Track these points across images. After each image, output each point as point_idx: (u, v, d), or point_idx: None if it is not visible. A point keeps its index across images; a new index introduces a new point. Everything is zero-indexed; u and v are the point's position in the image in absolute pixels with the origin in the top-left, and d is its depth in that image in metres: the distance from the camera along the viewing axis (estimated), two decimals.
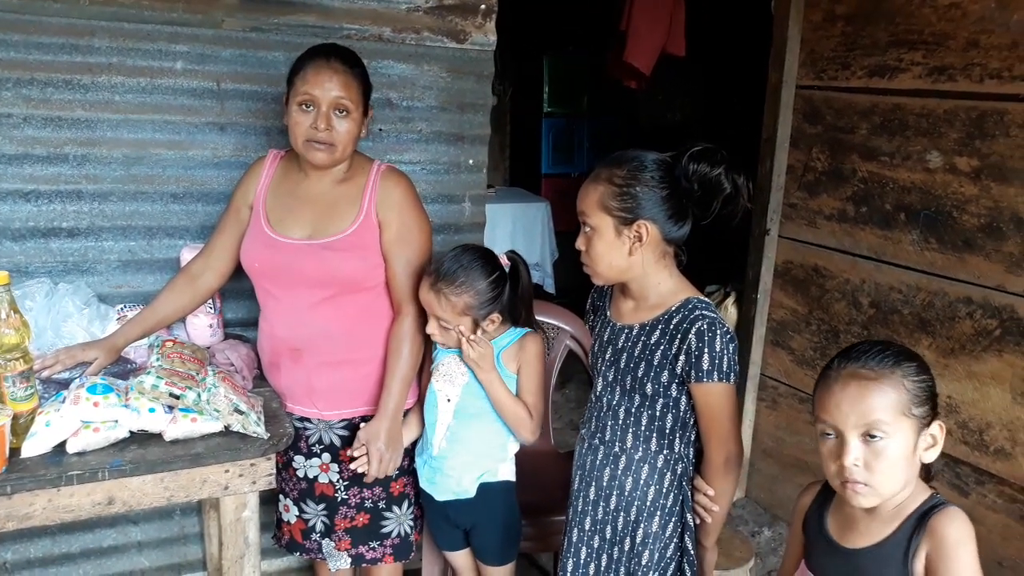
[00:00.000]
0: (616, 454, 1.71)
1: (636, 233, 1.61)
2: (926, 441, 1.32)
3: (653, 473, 1.69)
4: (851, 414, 1.29)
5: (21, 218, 2.06)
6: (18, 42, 1.96)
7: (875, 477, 1.29)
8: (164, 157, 2.16)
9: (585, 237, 1.65)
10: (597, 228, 1.62)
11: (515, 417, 1.90)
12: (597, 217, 1.61)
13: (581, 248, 1.67)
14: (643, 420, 1.68)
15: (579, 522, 1.79)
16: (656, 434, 1.68)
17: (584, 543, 1.78)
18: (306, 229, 1.89)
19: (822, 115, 2.87)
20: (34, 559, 2.30)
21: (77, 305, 2.03)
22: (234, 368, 2.01)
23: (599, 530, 1.76)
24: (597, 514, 1.75)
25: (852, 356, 1.33)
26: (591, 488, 1.76)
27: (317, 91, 1.78)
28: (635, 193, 1.59)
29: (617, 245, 1.62)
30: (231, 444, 1.71)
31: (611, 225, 1.61)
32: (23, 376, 1.60)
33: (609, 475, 1.72)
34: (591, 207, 1.62)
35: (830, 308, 2.92)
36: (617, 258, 1.63)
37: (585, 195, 1.64)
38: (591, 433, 1.77)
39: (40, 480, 1.55)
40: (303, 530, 2.06)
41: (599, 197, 1.61)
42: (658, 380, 1.63)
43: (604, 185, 1.60)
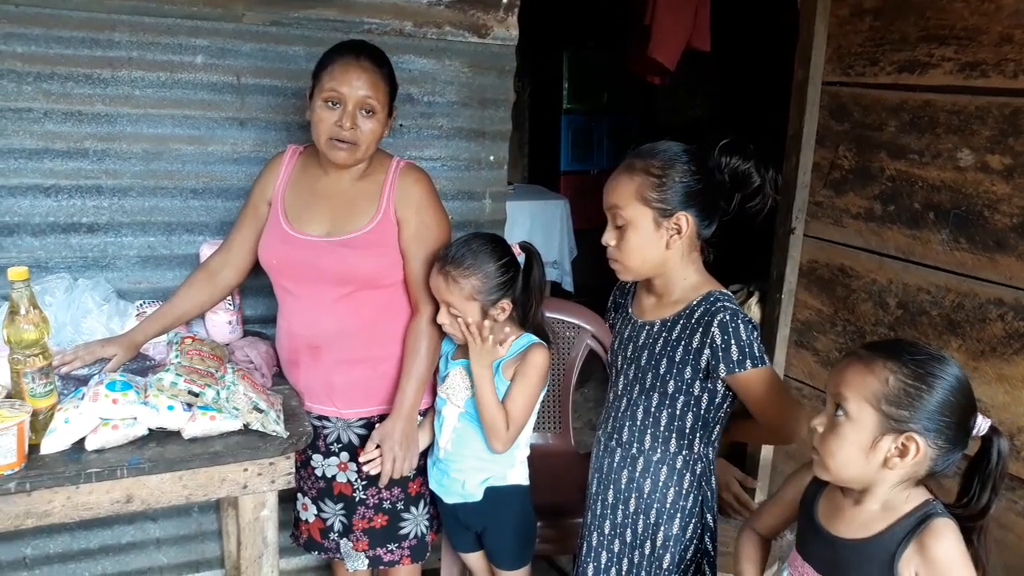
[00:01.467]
0: (634, 456, 1.68)
1: (675, 225, 1.57)
2: (893, 444, 1.26)
3: (672, 474, 1.65)
4: (832, 383, 1.32)
5: (41, 213, 2.06)
6: (39, 36, 1.96)
7: (826, 450, 1.31)
8: (184, 152, 2.15)
9: (617, 232, 1.60)
10: (633, 221, 1.57)
11: (492, 422, 1.84)
12: (633, 209, 1.56)
13: (611, 243, 1.61)
14: (662, 420, 1.64)
15: (598, 526, 1.76)
16: (676, 434, 1.64)
17: (604, 547, 1.75)
18: (324, 226, 1.87)
19: (849, 112, 2.81)
20: (53, 554, 2.31)
21: (96, 301, 2.02)
22: (253, 365, 2.00)
23: (619, 534, 1.72)
24: (616, 518, 1.72)
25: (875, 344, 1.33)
26: (609, 491, 1.73)
27: (344, 89, 1.76)
28: (674, 184, 1.55)
29: (655, 239, 1.58)
30: (250, 443, 1.69)
31: (650, 217, 1.56)
32: (42, 372, 1.59)
33: (627, 477, 1.69)
34: (627, 199, 1.57)
35: (856, 309, 2.87)
36: (653, 252, 1.59)
37: (618, 187, 1.59)
38: (608, 434, 1.74)
39: (59, 477, 1.53)
40: (321, 529, 2.05)
41: (636, 188, 1.56)
42: (680, 376, 1.59)
43: (641, 176, 1.56)
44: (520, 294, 1.88)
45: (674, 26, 3.36)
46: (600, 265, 1.68)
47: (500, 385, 1.88)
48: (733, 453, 3.40)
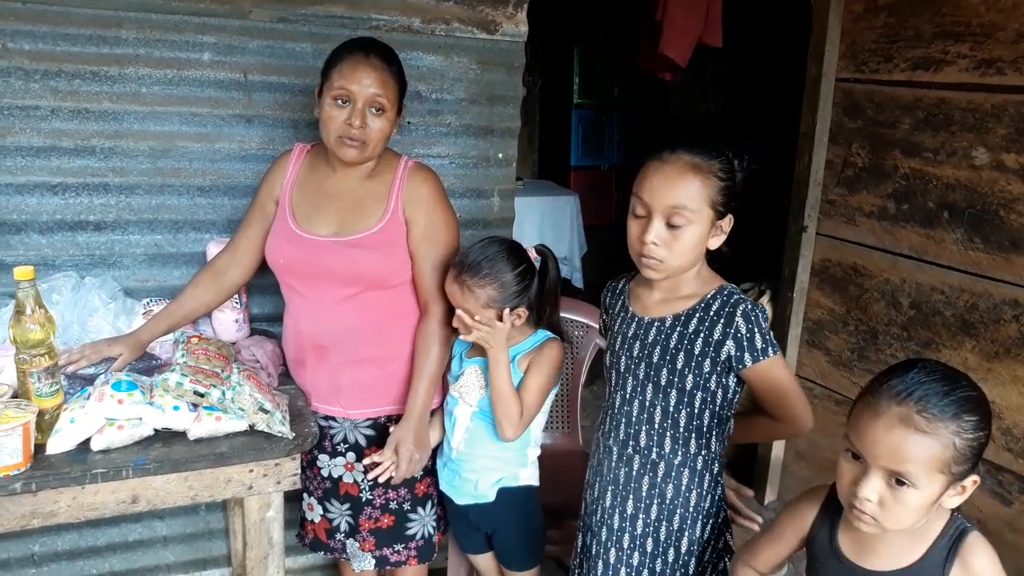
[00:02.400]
0: (654, 461, 1.64)
1: (722, 227, 1.57)
2: (955, 491, 1.24)
3: (694, 476, 1.62)
4: (884, 455, 1.21)
5: (48, 211, 2.06)
6: (46, 33, 1.95)
7: (888, 517, 1.23)
8: (191, 150, 2.14)
9: (671, 230, 1.53)
10: (695, 222, 1.53)
11: (506, 409, 1.82)
12: (701, 212, 1.52)
13: (658, 241, 1.53)
14: (681, 420, 1.60)
15: (616, 541, 1.70)
16: (695, 434, 1.61)
17: (624, 563, 1.69)
18: (332, 226, 1.86)
19: (863, 109, 2.78)
20: (61, 552, 2.31)
21: (103, 299, 2.02)
22: (260, 365, 1.99)
23: (639, 545, 1.68)
24: (636, 529, 1.67)
25: (910, 392, 1.20)
26: (628, 501, 1.67)
27: (354, 87, 1.74)
28: (731, 188, 1.55)
29: (704, 240, 1.56)
30: (256, 443, 1.68)
31: (710, 220, 1.54)
32: (48, 372, 1.58)
33: (648, 484, 1.65)
34: (696, 201, 1.52)
35: (869, 308, 2.84)
36: (699, 252, 1.57)
37: (687, 188, 1.52)
38: (622, 442, 1.68)
39: (64, 478, 1.53)
40: (327, 529, 2.04)
41: (708, 192, 1.52)
42: (699, 370, 1.56)
43: (711, 179, 1.53)
44: (535, 298, 1.86)
45: (686, 22, 3.33)
46: (610, 261, 1.65)
47: (516, 377, 1.87)
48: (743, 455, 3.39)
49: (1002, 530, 2.49)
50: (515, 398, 1.83)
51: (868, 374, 2.84)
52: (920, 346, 2.66)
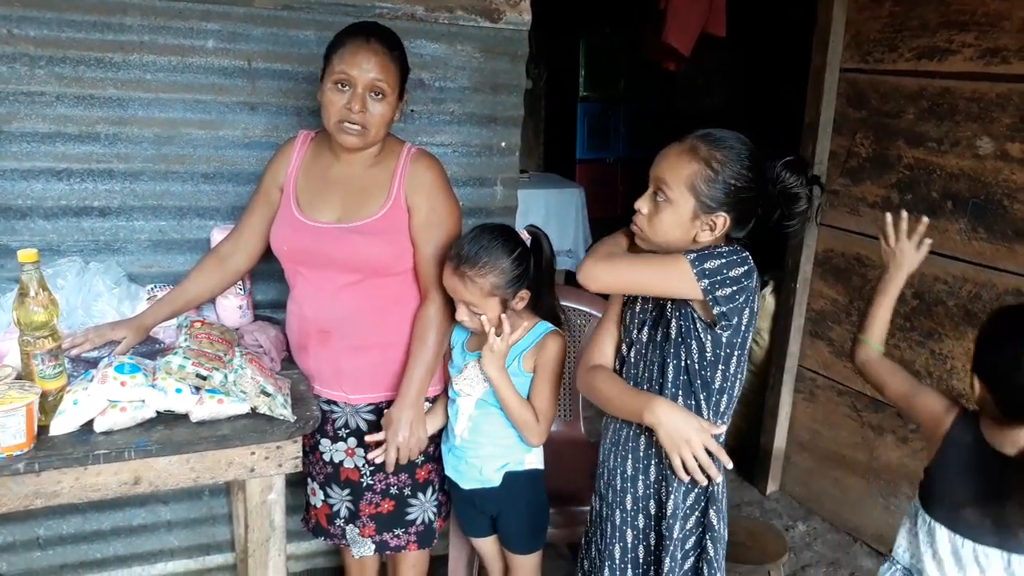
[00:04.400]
0: None
1: (711, 223, 1.55)
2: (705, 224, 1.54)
3: None
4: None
5: (53, 196, 2.07)
6: (51, 19, 1.96)
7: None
8: (195, 137, 2.15)
9: (654, 203, 1.56)
10: (675, 203, 1.53)
11: (522, 420, 1.85)
12: (680, 193, 1.53)
13: (643, 211, 1.57)
14: (669, 373, 1.61)
15: (620, 502, 1.71)
16: (682, 391, 1.61)
17: (629, 525, 1.72)
18: (335, 212, 1.87)
19: (867, 99, 2.77)
20: (66, 535, 2.33)
21: (107, 284, 2.04)
22: (262, 350, 2.00)
23: (642, 508, 1.69)
24: (638, 490, 1.69)
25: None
26: (628, 462, 1.69)
27: (354, 71, 1.74)
28: (727, 184, 1.52)
29: (687, 227, 1.55)
30: (257, 426, 1.69)
31: (691, 207, 1.53)
32: (52, 354, 1.60)
33: (645, 444, 1.67)
34: (677, 181, 1.52)
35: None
36: (678, 237, 1.56)
37: (673, 166, 1.53)
38: None
39: (67, 458, 1.54)
40: (328, 515, 2.05)
41: (691, 175, 1.52)
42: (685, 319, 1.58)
43: (700, 165, 1.52)
44: (532, 279, 1.87)
45: (689, 11, 3.32)
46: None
47: (522, 378, 1.88)
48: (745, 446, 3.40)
49: None
50: (527, 408, 1.85)
51: None
52: (923, 336, 2.66)
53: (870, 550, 2.95)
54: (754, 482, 3.38)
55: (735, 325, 1.57)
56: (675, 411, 1.56)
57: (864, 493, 2.96)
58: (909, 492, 2.78)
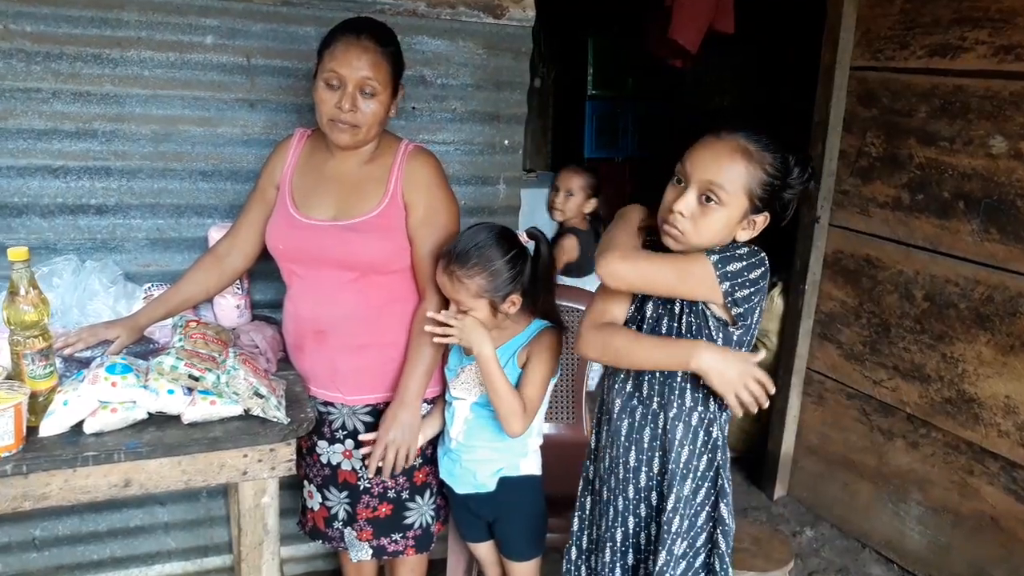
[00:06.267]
0: (655, 412, 1.62)
1: (753, 222, 1.53)
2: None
3: (688, 432, 1.60)
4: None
5: (50, 194, 2.05)
6: (47, 15, 1.94)
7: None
8: (193, 134, 2.13)
9: (701, 206, 1.50)
10: (727, 205, 1.49)
11: (508, 407, 1.79)
12: (736, 197, 1.48)
13: (685, 213, 1.50)
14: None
15: (623, 490, 1.68)
16: (691, 385, 1.59)
17: (631, 512, 1.69)
18: (331, 210, 1.84)
19: (877, 97, 2.72)
20: (62, 536, 2.31)
21: (103, 283, 2.01)
22: (259, 350, 1.97)
23: (645, 497, 1.66)
24: (640, 481, 1.66)
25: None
26: (631, 453, 1.66)
27: (344, 70, 1.71)
28: (777, 187, 1.50)
29: (732, 228, 1.52)
30: (250, 428, 1.66)
31: (744, 210, 1.50)
32: (42, 354, 1.57)
33: (650, 435, 1.64)
34: (735, 185, 1.48)
35: (881, 301, 2.79)
36: (723, 237, 1.53)
37: (727, 168, 1.48)
38: (628, 394, 1.66)
39: (56, 460, 1.52)
40: (326, 518, 2.02)
41: (749, 180, 1.48)
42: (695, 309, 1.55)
43: (757, 169, 1.48)
44: (528, 283, 1.83)
45: (695, 8, 3.27)
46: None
47: (512, 373, 1.84)
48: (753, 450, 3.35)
49: (1015, 527, 2.44)
50: (514, 394, 1.81)
51: (881, 368, 2.80)
52: (933, 339, 2.61)
53: (879, 556, 2.90)
54: (761, 487, 3.34)
55: (748, 324, 1.55)
56: (719, 354, 1.51)
57: (873, 498, 2.91)
58: (919, 497, 2.74)
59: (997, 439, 2.46)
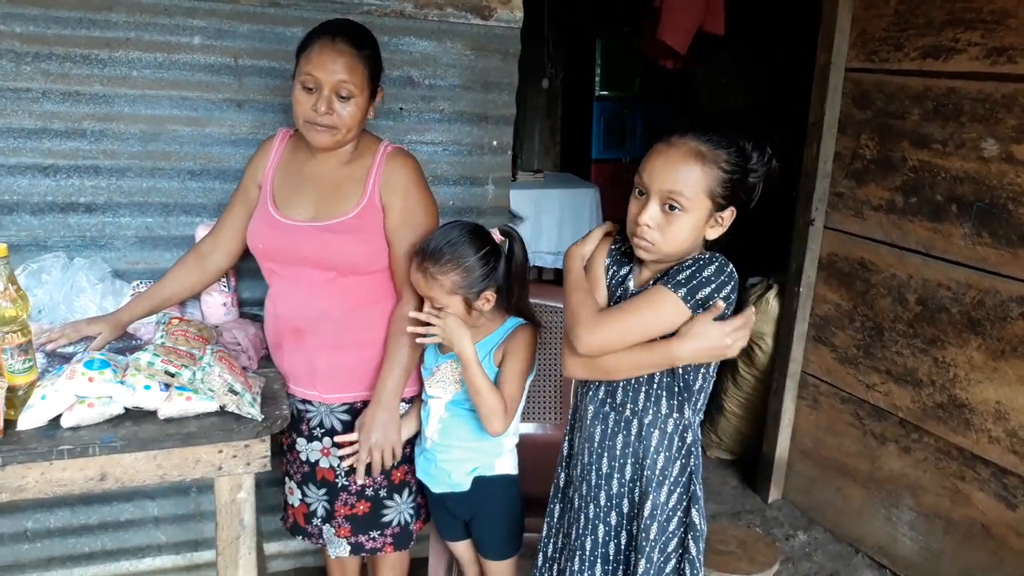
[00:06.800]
0: (628, 418, 1.62)
1: (721, 219, 1.54)
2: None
3: (663, 439, 1.61)
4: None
5: (40, 192, 2.09)
6: (36, 16, 1.98)
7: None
8: (181, 134, 2.16)
9: (665, 215, 1.50)
10: (690, 210, 1.49)
11: (488, 405, 1.80)
12: (697, 200, 1.49)
13: (651, 224, 1.50)
14: (655, 375, 1.59)
15: (594, 497, 1.68)
16: (666, 392, 1.59)
17: (602, 520, 1.69)
18: (310, 210, 1.86)
19: (872, 99, 2.71)
20: (54, 528, 2.35)
21: (91, 280, 2.05)
22: (240, 348, 1.99)
23: (615, 505, 1.66)
24: (612, 488, 1.66)
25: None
26: (603, 459, 1.66)
27: (319, 73, 1.73)
28: (737, 182, 1.51)
29: (700, 230, 1.53)
30: (225, 424, 1.68)
31: (708, 210, 1.51)
32: (21, 349, 1.60)
33: (622, 443, 1.63)
34: (694, 190, 1.48)
35: (875, 304, 2.77)
36: (694, 241, 1.54)
37: (683, 174, 1.48)
38: (600, 400, 1.66)
39: (32, 453, 1.55)
40: (305, 514, 2.04)
41: (708, 183, 1.49)
42: None
43: (713, 169, 1.48)
44: (503, 280, 1.84)
45: (684, 10, 3.26)
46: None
47: (489, 371, 1.85)
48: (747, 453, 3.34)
49: (1006, 534, 2.41)
50: (494, 392, 1.82)
51: (874, 372, 2.79)
52: (926, 343, 2.59)
53: (871, 562, 2.88)
54: (756, 490, 3.32)
55: None
56: (691, 340, 1.51)
57: (866, 503, 2.89)
58: (911, 503, 2.72)
59: (988, 445, 2.43)
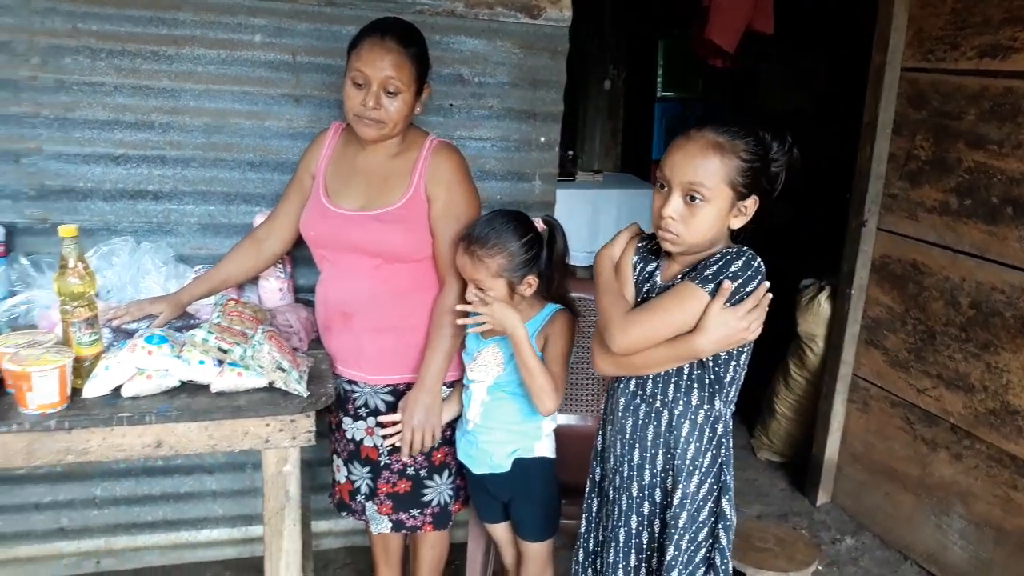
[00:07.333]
0: (658, 410, 1.66)
1: (744, 208, 1.58)
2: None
3: (694, 430, 1.64)
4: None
5: (112, 180, 2.23)
6: (112, 15, 2.11)
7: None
8: (242, 126, 2.28)
9: (688, 206, 1.55)
10: (712, 200, 1.54)
11: (540, 384, 1.86)
12: (718, 190, 1.53)
13: (675, 216, 1.55)
14: (685, 367, 1.63)
15: (627, 488, 1.73)
16: (697, 384, 1.63)
17: (635, 510, 1.73)
18: (359, 200, 1.94)
19: (927, 99, 2.67)
20: (120, 497, 2.50)
21: (156, 263, 2.17)
22: (292, 329, 2.09)
23: (648, 495, 1.70)
24: (643, 479, 1.70)
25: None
26: (635, 450, 1.70)
27: (368, 70, 1.82)
28: (757, 170, 1.55)
29: (724, 219, 1.57)
30: (273, 400, 1.78)
31: (730, 200, 1.55)
32: (88, 323, 1.73)
33: (653, 434, 1.67)
34: (714, 180, 1.53)
35: (927, 307, 2.73)
36: (718, 230, 1.58)
37: (703, 166, 1.53)
38: (631, 393, 1.71)
39: (95, 419, 1.66)
40: (350, 491, 2.13)
41: (728, 172, 1.53)
42: None
43: (732, 159, 1.53)
44: (544, 267, 1.90)
45: (733, 8, 3.25)
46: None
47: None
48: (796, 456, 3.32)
49: None
50: (545, 372, 1.88)
51: (925, 376, 2.74)
52: (978, 348, 2.54)
53: (920, 569, 2.83)
54: (805, 493, 3.30)
55: None
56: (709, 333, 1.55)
57: (915, 509, 2.84)
58: (961, 511, 2.66)
59: None
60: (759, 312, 1.56)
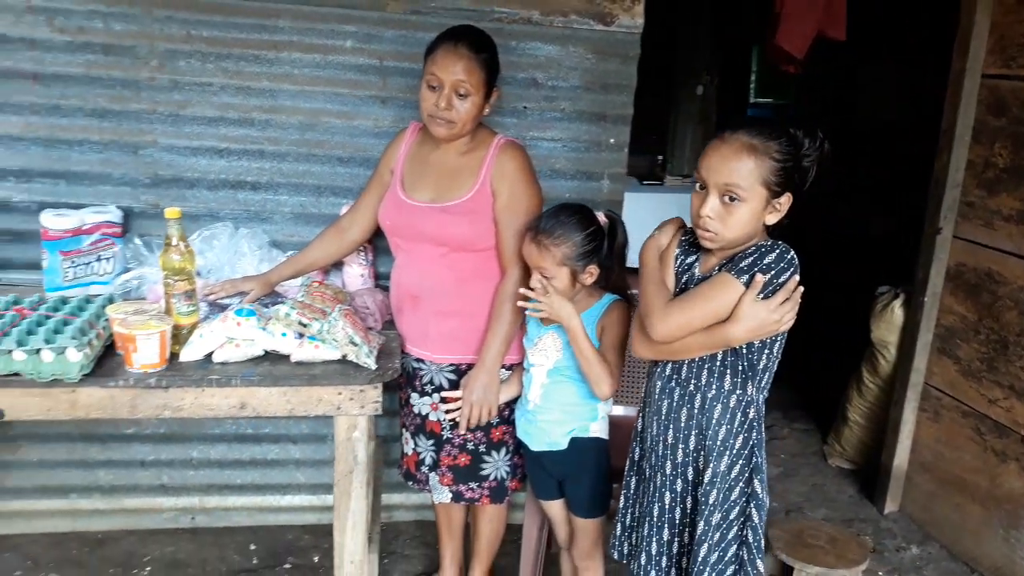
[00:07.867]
0: (692, 393, 1.76)
1: (779, 205, 1.67)
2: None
3: (726, 412, 1.73)
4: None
5: (216, 171, 2.47)
6: (220, 22, 2.35)
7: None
8: (333, 125, 2.48)
9: (725, 206, 1.65)
10: (747, 200, 1.63)
11: (596, 372, 1.97)
12: (753, 190, 1.63)
13: (712, 216, 1.65)
14: (718, 354, 1.72)
15: (660, 467, 1.83)
16: (730, 370, 1.72)
17: (668, 487, 1.82)
18: (431, 193, 2.11)
19: (1008, 107, 2.64)
20: (213, 460, 2.75)
21: (252, 247, 2.40)
22: (368, 311, 2.28)
23: (681, 473, 1.80)
24: (677, 458, 1.80)
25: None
26: (669, 431, 1.80)
27: (442, 74, 1.98)
28: (790, 169, 1.64)
29: (759, 216, 1.66)
30: (345, 371, 1.96)
31: (765, 198, 1.64)
32: (186, 295, 1.95)
33: (686, 416, 1.77)
34: (750, 181, 1.62)
35: (1001, 317, 2.69)
36: (754, 227, 1.67)
37: (738, 168, 1.62)
38: (667, 377, 1.81)
39: (189, 380, 1.88)
40: (416, 462, 2.30)
41: (762, 173, 1.62)
42: None
43: (766, 160, 1.62)
44: (605, 259, 2.02)
45: (803, 14, 3.26)
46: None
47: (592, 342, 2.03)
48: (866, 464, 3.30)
49: None
50: (600, 359, 2.00)
51: (996, 387, 2.71)
52: None
53: None
54: (873, 500, 3.28)
55: None
56: (741, 323, 1.64)
57: (984, 522, 2.80)
58: None
59: None
60: (791, 304, 1.64)
